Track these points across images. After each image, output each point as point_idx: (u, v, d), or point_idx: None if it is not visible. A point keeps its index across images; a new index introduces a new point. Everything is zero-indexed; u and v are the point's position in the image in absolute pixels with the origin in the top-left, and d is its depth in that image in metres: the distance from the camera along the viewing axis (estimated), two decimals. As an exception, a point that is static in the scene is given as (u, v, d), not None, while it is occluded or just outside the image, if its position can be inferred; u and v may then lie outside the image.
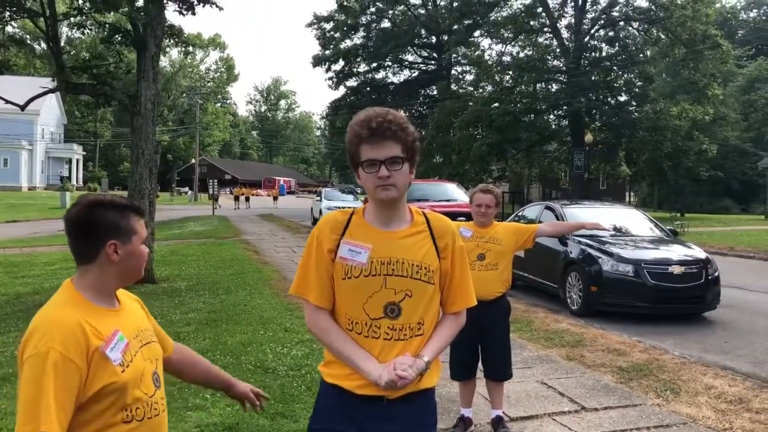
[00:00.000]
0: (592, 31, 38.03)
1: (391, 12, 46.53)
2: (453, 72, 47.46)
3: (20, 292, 11.72)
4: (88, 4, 11.96)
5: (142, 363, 1.97)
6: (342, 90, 48.21)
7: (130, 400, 1.90)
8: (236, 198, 45.67)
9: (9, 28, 15.76)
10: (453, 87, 44.46)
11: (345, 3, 44.58)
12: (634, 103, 37.89)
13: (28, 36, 45.84)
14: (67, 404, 1.78)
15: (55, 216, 37.92)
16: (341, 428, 2.25)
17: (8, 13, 12.19)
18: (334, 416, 2.28)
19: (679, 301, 9.50)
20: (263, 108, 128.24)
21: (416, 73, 49.81)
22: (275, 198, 55.27)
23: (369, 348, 2.23)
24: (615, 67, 37.51)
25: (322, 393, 2.36)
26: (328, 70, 46.88)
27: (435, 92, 46.58)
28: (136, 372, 1.93)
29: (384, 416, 2.23)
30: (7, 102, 12.01)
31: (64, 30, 53.91)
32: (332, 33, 46.55)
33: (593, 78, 36.31)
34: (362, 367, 2.19)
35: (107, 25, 12.93)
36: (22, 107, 12.28)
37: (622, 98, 38.32)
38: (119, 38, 12.47)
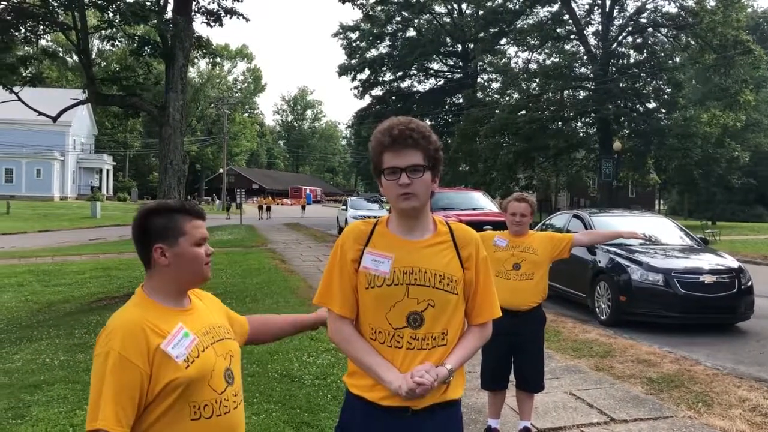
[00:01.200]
0: (620, 38, 37.69)
1: (416, 21, 46.61)
2: (479, 80, 47.38)
3: (52, 300, 11.92)
4: (118, 17, 12.18)
5: (213, 359, 1.99)
6: (368, 99, 48.43)
7: (197, 396, 1.93)
8: (260, 208, 46.13)
9: (42, 42, 16.10)
10: (479, 95, 44.34)
11: (371, 13, 44.74)
12: (663, 110, 37.41)
13: (60, 49, 46.81)
14: (127, 402, 1.84)
15: (86, 225, 38.54)
16: None
17: (41, 27, 12.46)
18: (358, 427, 2.27)
19: (710, 311, 9.31)
20: (290, 118, 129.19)
21: (442, 82, 49.81)
22: (303, 207, 55.54)
23: (392, 357, 2.22)
24: (643, 74, 37.08)
25: (346, 403, 2.36)
26: (354, 79, 47.12)
27: (461, 100, 46.53)
28: (205, 367, 1.95)
29: (408, 428, 2.22)
30: (40, 114, 12.28)
31: (95, 43, 55.00)
32: (358, 42, 46.79)
33: (621, 85, 35.94)
34: (383, 377, 2.18)
35: (137, 38, 13.17)
36: (54, 119, 12.52)
37: (651, 105, 37.86)
38: (148, 50, 12.68)
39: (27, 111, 12.37)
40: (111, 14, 12.36)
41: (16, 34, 12.21)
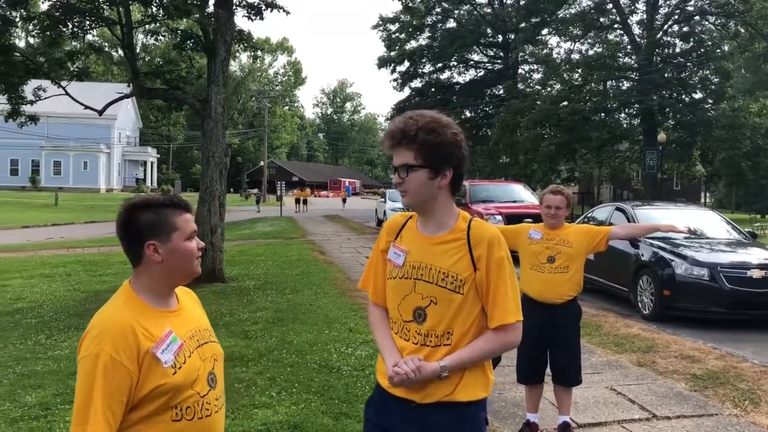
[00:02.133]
0: (665, 27, 36.79)
1: (456, 12, 46.21)
2: (520, 71, 46.75)
3: (98, 290, 12.21)
4: (161, 11, 12.38)
5: (198, 363, 1.96)
6: (407, 91, 48.19)
7: (179, 399, 1.90)
8: (297, 201, 45.65)
9: (89, 37, 16.45)
10: (520, 86, 43.77)
11: (410, 4, 44.58)
12: (710, 101, 36.43)
13: (106, 44, 47.74)
14: (116, 405, 1.81)
15: (131, 217, 39.34)
16: (377, 420, 2.34)
17: (88, 22, 12.73)
18: (375, 409, 2.37)
19: (758, 306, 9.06)
20: (329, 110, 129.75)
21: (482, 73, 49.31)
22: (344, 200, 54.94)
23: (401, 348, 2.29)
24: (689, 64, 36.17)
25: (375, 388, 2.47)
26: (393, 71, 46.94)
27: (501, 92, 46.00)
28: (190, 373, 1.92)
29: (414, 419, 2.24)
30: (86, 107, 12.56)
31: (139, 37, 55.96)
32: (397, 34, 46.59)
33: (666, 75, 35.11)
34: (386, 361, 2.29)
35: (179, 32, 13.35)
36: (100, 112, 12.80)
37: (697, 95, 36.90)
38: (190, 44, 12.86)
39: (74, 105, 12.67)
40: (154, 9, 12.57)
41: (64, 29, 12.49)
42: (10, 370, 6.50)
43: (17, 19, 13.10)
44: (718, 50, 35.81)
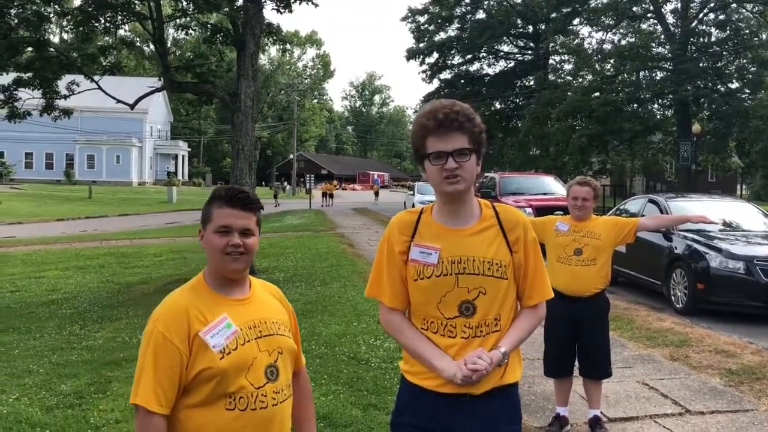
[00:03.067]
0: (701, 15, 36.03)
1: (486, 2, 45.80)
2: (550, 62, 46.18)
3: (131, 281, 12.41)
4: (191, 5, 12.47)
5: (254, 353, 1.96)
6: (436, 83, 47.92)
7: (232, 388, 1.91)
8: (323, 194, 44.65)
9: (120, 32, 16.66)
10: (550, 77, 43.28)
11: (440, -5, 44.32)
12: (746, 91, 35.61)
13: (137, 39, 48.33)
14: (166, 381, 1.89)
15: (163, 210, 39.90)
16: (423, 424, 2.25)
17: (119, 17, 12.88)
18: (416, 413, 2.28)
19: (796, 300, 8.85)
20: (358, 103, 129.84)
21: (512, 64, 48.82)
22: (376, 194, 52.04)
23: (446, 346, 2.23)
24: (725, 53, 35.38)
25: (402, 390, 2.37)
26: (422, 63, 46.72)
27: (531, 83, 45.55)
28: (241, 360, 1.93)
29: (467, 412, 2.22)
30: (118, 101, 12.73)
31: (170, 32, 56.54)
32: (426, 26, 46.34)
33: (701, 65, 34.39)
34: (436, 365, 2.19)
35: (209, 26, 13.45)
36: (132, 106, 12.97)
37: (734, 85, 36.09)
38: (220, 38, 12.94)
39: (107, 99, 12.85)
40: (185, 3, 12.67)
41: (96, 24, 12.67)
42: (45, 359, 6.64)
43: (51, 15, 13.28)
44: (755, 38, 34.94)
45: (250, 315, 2.02)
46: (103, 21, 12.67)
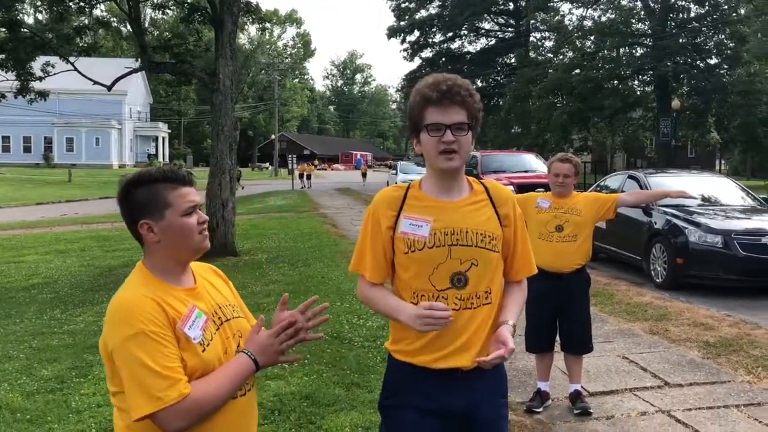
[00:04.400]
0: (680, -9, 36.09)
1: (466, -20, 45.54)
2: (531, 39, 46.08)
3: (112, 264, 12.32)
4: (167, -16, 12.29)
5: (224, 341, 1.88)
6: (417, 61, 47.67)
7: None
8: (300, 176, 42.27)
9: (96, 11, 16.37)
10: (531, 54, 43.21)
11: (420, -28, 43.96)
12: (725, 66, 35.77)
13: (114, 19, 47.51)
14: (172, 364, 1.72)
15: (144, 192, 39.53)
16: (417, 402, 2.25)
17: (94, -3, 12.67)
18: (408, 392, 2.27)
19: (773, 273, 8.99)
20: (339, 82, 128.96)
21: (493, 42, 48.68)
22: (364, 175, 47.67)
23: None
24: (704, 29, 35.48)
25: (392, 370, 2.36)
26: (403, 41, 46.42)
27: (513, 60, 45.51)
28: (217, 351, 1.84)
29: (461, 387, 2.24)
30: (95, 83, 12.56)
31: (147, 11, 55.64)
32: (407, 4, 46.00)
33: (680, 41, 34.48)
34: (400, 319, 2.19)
35: (186, 5, 13.26)
36: (109, 87, 12.80)
37: (713, 61, 36.26)
38: (198, 17, 12.78)
39: (84, 81, 12.68)
40: (161, -18, 12.48)
41: (71, 4, 12.44)
42: (26, 344, 6.60)
43: (24, -5, 13.04)
44: (734, 14, 35.07)
45: (208, 302, 1.91)
46: (77, 0, 12.44)
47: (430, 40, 47.40)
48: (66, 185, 43.81)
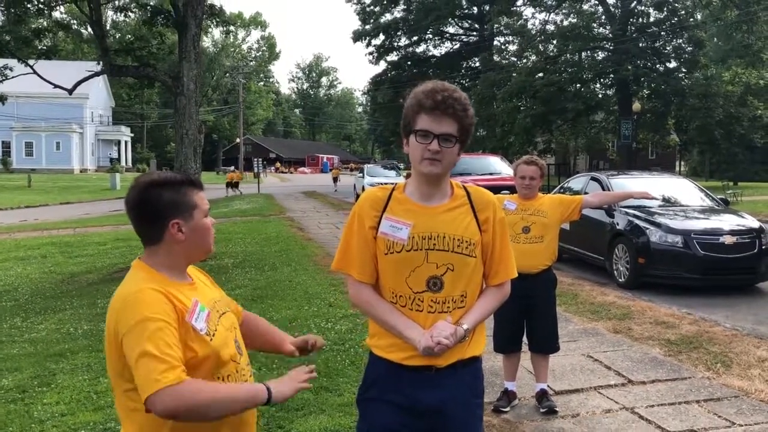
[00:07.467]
0: (639, -4, 36.84)
1: (431, -17, 45.78)
2: (495, 43, 46.61)
3: (74, 271, 12.10)
4: (129, -14, 12.13)
5: (225, 331, 2.01)
6: (383, 65, 47.89)
7: (221, 367, 1.95)
8: (227, 184, 38.60)
9: (55, 14, 16.08)
10: (496, 58, 43.67)
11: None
12: (683, 70, 36.65)
13: (74, 21, 46.65)
14: (172, 352, 1.79)
15: (106, 197, 38.90)
16: (390, 398, 2.30)
17: (53, -1, 12.44)
18: (383, 387, 2.33)
19: (730, 272, 9.23)
20: (305, 85, 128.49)
21: (458, 45, 49.10)
22: (335, 179, 42.73)
23: (414, 320, 2.28)
24: (663, 33, 36.28)
25: (370, 364, 2.41)
26: (369, 45, 46.52)
27: (477, 64, 45.87)
28: (222, 340, 1.96)
29: (433, 385, 2.28)
30: (56, 86, 12.32)
31: (109, 14, 54.82)
32: (372, 7, 46.10)
33: (640, 45, 35.22)
34: (407, 335, 2.24)
35: (149, 7, 13.11)
36: (70, 91, 12.56)
37: (671, 65, 37.11)
38: (161, 20, 12.64)
39: (44, 84, 12.42)
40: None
41: (29, 6, 12.20)
42: (-15, 354, 6.44)
43: (-20, -4, 12.73)
44: (691, 19, 35.96)
45: (206, 297, 2.04)
46: (35, 2, 12.21)
47: (396, 44, 47.61)
48: (25, 190, 42.82)
